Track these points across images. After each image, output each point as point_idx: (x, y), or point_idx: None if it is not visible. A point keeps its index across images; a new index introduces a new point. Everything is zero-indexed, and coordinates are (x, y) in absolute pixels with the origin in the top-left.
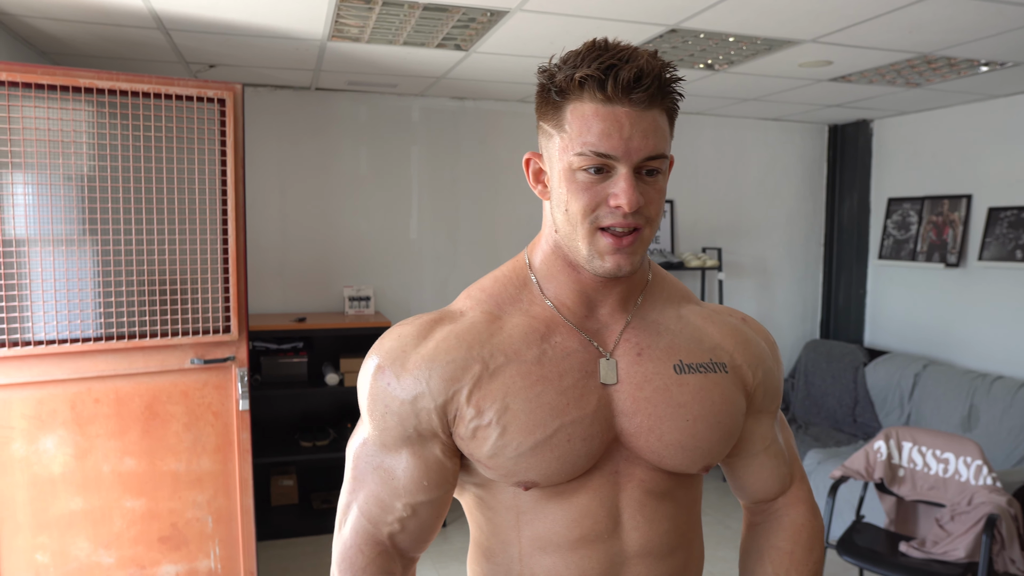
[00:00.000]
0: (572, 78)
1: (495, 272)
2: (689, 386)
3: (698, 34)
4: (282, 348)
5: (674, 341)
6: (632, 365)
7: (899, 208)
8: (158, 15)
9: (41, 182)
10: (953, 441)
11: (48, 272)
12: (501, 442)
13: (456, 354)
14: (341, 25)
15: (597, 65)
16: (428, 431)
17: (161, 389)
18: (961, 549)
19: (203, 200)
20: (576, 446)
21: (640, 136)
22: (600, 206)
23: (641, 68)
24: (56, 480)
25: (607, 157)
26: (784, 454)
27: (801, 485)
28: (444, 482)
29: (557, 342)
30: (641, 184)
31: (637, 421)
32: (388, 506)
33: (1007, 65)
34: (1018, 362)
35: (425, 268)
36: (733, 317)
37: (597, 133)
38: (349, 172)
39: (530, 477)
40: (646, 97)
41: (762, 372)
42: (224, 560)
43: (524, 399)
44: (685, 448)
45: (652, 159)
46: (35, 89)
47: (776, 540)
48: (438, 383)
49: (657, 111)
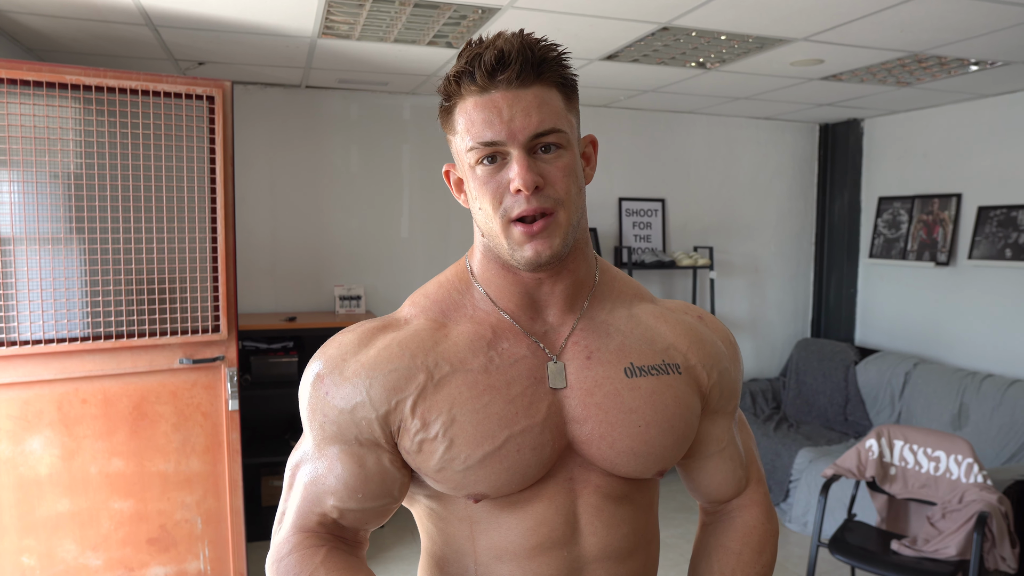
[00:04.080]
0: (449, 79)
1: (439, 277)
2: (640, 390)
3: (690, 32)
4: (272, 348)
5: (624, 342)
6: (581, 369)
7: (889, 207)
8: (146, 11)
9: (27, 180)
10: (944, 439)
11: (34, 271)
12: (448, 455)
13: (399, 363)
14: (331, 22)
15: (466, 59)
16: (369, 441)
17: (149, 389)
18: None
19: (192, 198)
20: (526, 456)
21: (522, 115)
22: (505, 195)
23: (501, 49)
24: (43, 481)
25: (495, 144)
26: (740, 456)
27: (757, 488)
28: (386, 493)
29: (504, 348)
30: (539, 164)
31: (588, 428)
32: (317, 501)
33: (997, 64)
34: (1008, 360)
35: (416, 267)
36: (689, 315)
37: (480, 123)
38: (340, 170)
39: (479, 489)
40: (516, 75)
41: (717, 372)
42: (214, 561)
43: (471, 410)
44: (638, 455)
45: (542, 135)
46: (20, 86)
47: (725, 540)
48: (379, 392)
49: (539, 87)
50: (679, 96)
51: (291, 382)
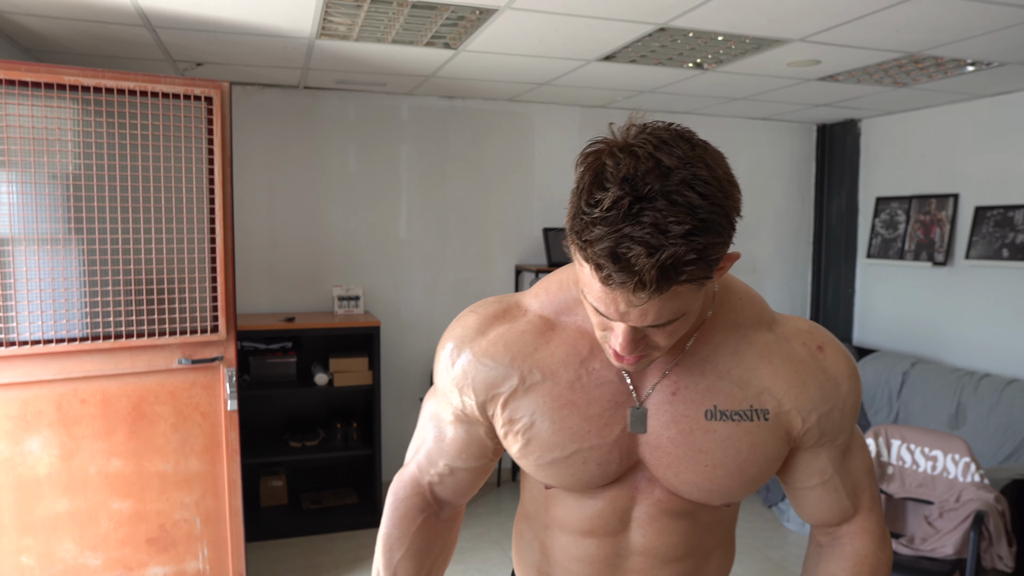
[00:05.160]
0: (579, 245)
1: (562, 275)
2: (715, 434)
3: (687, 33)
4: (271, 348)
5: (715, 383)
6: (664, 403)
7: (887, 207)
8: (144, 12)
9: (26, 181)
10: (941, 438)
11: (33, 272)
12: (525, 451)
13: (500, 361)
14: (329, 23)
15: (601, 252)
16: (472, 416)
17: (148, 389)
18: (949, 546)
19: (190, 199)
20: (591, 468)
21: (638, 315)
22: (608, 334)
23: (640, 280)
24: (41, 481)
25: (608, 317)
26: (845, 487)
27: (869, 515)
28: (482, 456)
29: (595, 369)
30: (646, 330)
31: (657, 455)
32: (433, 462)
33: (993, 65)
34: (1005, 360)
35: (414, 267)
36: (806, 347)
37: (596, 297)
38: (338, 171)
39: (548, 482)
40: (645, 298)
41: (816, 416)
42: (213, 561)
43: (549, 420)
44: (702, 488)
45: (658, 326)
46: (19, 87)
47: (835, 568)
48: (480, 385)
49: (670, 294)
50: (676, 97)
51: (290, 382)
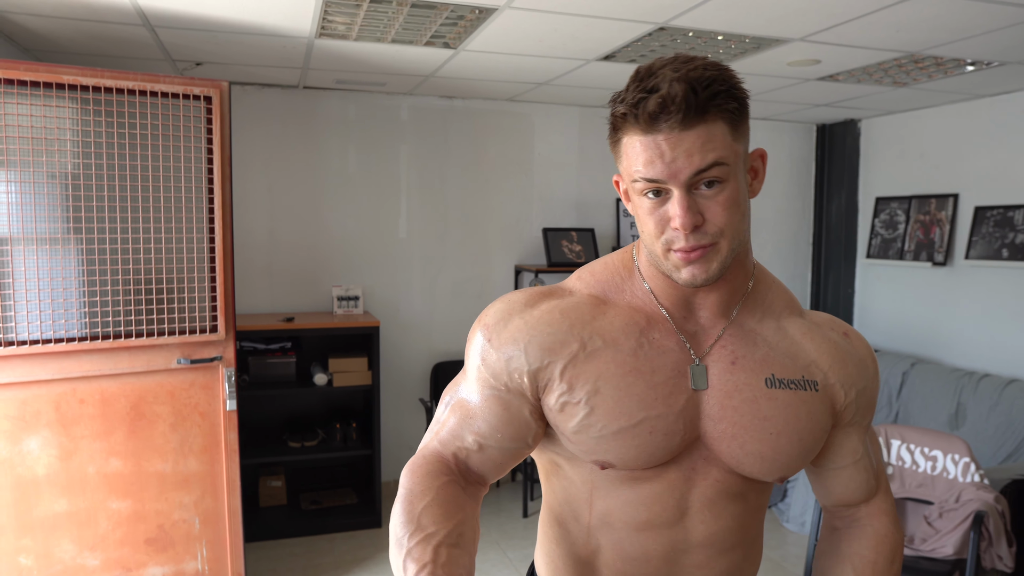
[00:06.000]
0: (615, 116)
1: (606, 259)
2: (777, 401)
3: (687, 32)
4: (270, 348)
5: (769, 354)
6: (724, 372)
7: (887, 207)
8: (143, 12)
9: (24, 180)
10: (941, 439)
11: (32, 271)
12: (587, 421)
13: (558, 327)
14: (329, 22)
15: (632, 99)
16: (517, 390)
17: (147, 389)
18: (949, 546)
19: (190, 199)
20: (657, 439)
21: (684, 156)
22: (666, 227)
23: (663, 97)
24: (40, 481)
25: (657, 182)
26: (872, 467)
27: (885, 497)
28: (521, 438)
29: (655, 338)
30: (700, 200)
31: (721, 427)
32: (459, 436)
33: (993, 65)
34: (1005, 360)
35: (414, 268)
36: (835, 331)
37: (643, 162)
38: (337, 171)
39: (608, 458)
40: (679, 121)
41: (856, 391)
42: (211, 562)
43: (615, 386)
44: (764, 459)
45: (704, 171)
46: (18, 86)
47: (859, 548)
48: (535, 350)
49: (704, 125)
50: None
51: (289, 382)
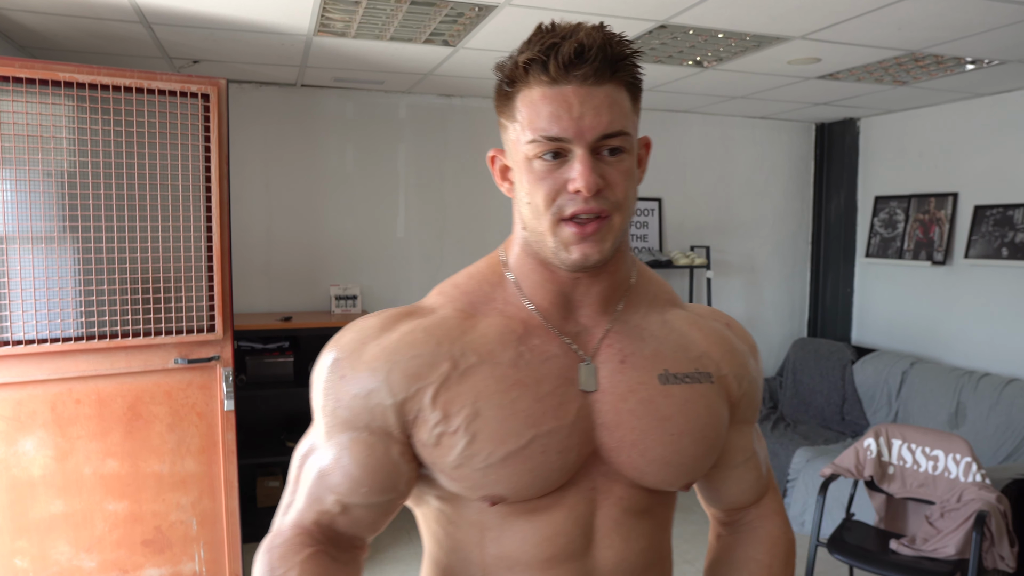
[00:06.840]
0: (517, 64)
1: (470, 269)
2: (675, 398)
3: (687, 30)
4: (268, 348)
5: (659, 349)
6: (615, 373)
7: (886, 206)
8: (140, 9)
9: (20, 178)
10: (942, 438)
11: (28, 270)
12: (469, 451)
13: (423, 348)
14: (327, 19)
15: (539, 47)
16: (380, 429)
17: (144, 389)
18: (951, 546)
19: (187, 197)
20: (551, 458)
21: (592, 113)
22: (560, 193)
23: (582, 42)
24: (36, 482)
25: (560, 140)
26: (761, 465)
27: (774, 496)
28: (391, 488)
29: (535, 345)
30: (601, 165)
31: (619, 435)
32: (319, 500)
33: (993, 63)
34: (1004, 359)
35: (412, 267)
36: (718, 322)
37: (546, 116)
38: (335, 170)
39: (498, 491)
40: (593, 71)
41: (747, 383)
42: (209, 563)
43: (497, 405)
44: (669, 464)
45: (609, 136)
46: (13, 83)
47: (753, 552)
48: (399, 378)
49: (611, 86)
50: (676, 95)
51: (287, 382)
